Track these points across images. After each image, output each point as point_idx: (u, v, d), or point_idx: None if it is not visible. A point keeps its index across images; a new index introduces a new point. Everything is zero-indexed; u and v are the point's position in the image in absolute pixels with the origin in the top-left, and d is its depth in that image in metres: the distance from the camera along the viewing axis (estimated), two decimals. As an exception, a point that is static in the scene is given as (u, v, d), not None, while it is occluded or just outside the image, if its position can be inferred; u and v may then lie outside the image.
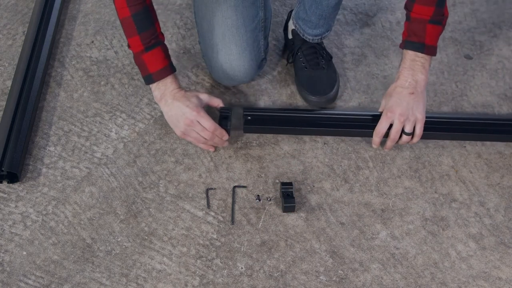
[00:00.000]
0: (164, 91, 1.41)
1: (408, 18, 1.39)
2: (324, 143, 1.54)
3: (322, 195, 1.43)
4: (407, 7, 1.38)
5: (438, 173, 1.49)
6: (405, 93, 1.40)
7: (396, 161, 1.51)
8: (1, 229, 1.36)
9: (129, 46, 1.39)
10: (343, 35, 1.81)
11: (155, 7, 1.86)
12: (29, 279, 1.28)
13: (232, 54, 1.49)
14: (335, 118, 1.53)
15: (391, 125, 1.42)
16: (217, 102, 1.49)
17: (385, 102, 1.44)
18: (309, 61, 1.62)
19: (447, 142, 1.55)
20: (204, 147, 1.48)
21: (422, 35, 1.37)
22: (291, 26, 1.68)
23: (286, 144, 1.54)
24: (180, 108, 1.39)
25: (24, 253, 1.32)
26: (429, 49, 1.38)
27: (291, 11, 1.74)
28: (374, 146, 1.46)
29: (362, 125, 1.49)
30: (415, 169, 1.49)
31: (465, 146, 1.55)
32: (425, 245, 1.36)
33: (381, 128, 1.42)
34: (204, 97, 1.46)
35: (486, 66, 1.74)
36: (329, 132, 1.53)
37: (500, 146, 1.55)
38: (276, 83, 1.67)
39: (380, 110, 1.46)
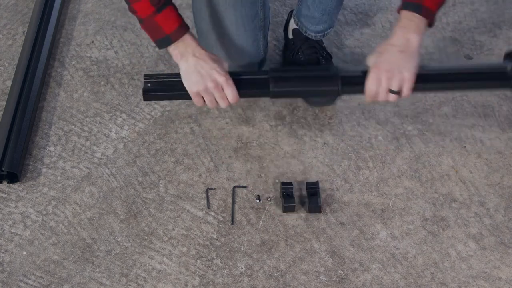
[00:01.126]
0: (185, 49, 1.33)
1: None
2: (324, 143, 1.54)
3: (322, 195, 1.43)
4: None
5: (438, 173, 1.49)
6: (395, 50, 1.31)
7: (396, 161, 1.51)
8: (1, 229, 1.36)
9: (134, 12, 1.32)
10: (343, 35, 1.81)
11: (155, 7, 1.87)
12: (29, 279, 1.28)
13: (231, 54, 1.49)
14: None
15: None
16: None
17: (371, 60, 1.36)
18: (310, 61, 1.62)
19: (447, 142, 1.55)
20: (210, 106, 1.39)
21: None
22: (291, 25, 1.68)
23: (286, 144, 1.54)
24: (205, 67, 1.32)
25: (24, 253, 1.32)
26: (427, 12, 1.31)
27: (291, 11, 1.74)
28: (368, 102, 1.38)
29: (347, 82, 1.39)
30: (415, 169, 1.49)
31: (465, 146, 1.55)
32: (425, 245, 1.36)
33: (370, 86, 1.33)
34: (226, 65, 1.39)
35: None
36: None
37: (500, 146, 1.55)
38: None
39: (367, 63, 1.36)
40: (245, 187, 1.45)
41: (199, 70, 1.32)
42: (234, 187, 1.45)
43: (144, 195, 1.43)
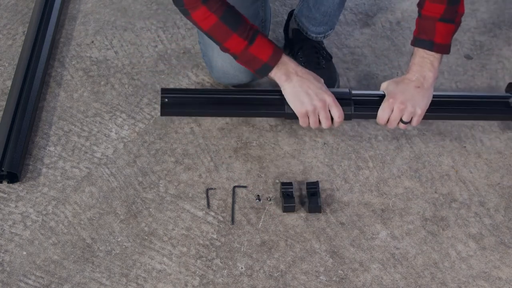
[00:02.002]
0: (286, 69, 1.35)
1: (419, 15, 1.38)
2: (324, 143, 1.54)
3: (322, 195, 1.43)
4: (419, 4, 1.37)
5: (438, 173, 1.49)
6: (411, 86, 1.39)
7: (396, 161, 1.51)
8: (1, 229, 1.36)
9: (227, 51, 1.33)
10: (343, 35, 1.81)
11: (155, 7, 1.87)
12: (29, 279, 1.28)
13: (232, 54, 1.49)
14: None
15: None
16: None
17: (388, 87, 1.42)
18: (309, 61, 1.62)
19: (447, 142, 1.55)
20: (313, 126, 1.42)
21: (431, 33, 1.35)
22: (292, 25, 1.68)
23: (286, 144, 1.54)
24: (312, 87, 1.35)
25: (24, 253, 1.32)
26: (439, 47, 1.37)
27: (291, 11, 1.74)
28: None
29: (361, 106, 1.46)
30: (415, 169, 1.49)
31: (465, 146, 1.55)
32: (425, 245, 1.36)
33: (382, 113, 1.41)
34: (323, 83, 1.41)
35: (486, 66, 1.74)
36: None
37: (500, 146, 1.55)
38: (276, 83, 1.67)
39: (381, 88, 1.45)
40: (245, 187, 1.45)
41: (307, 90, 1.35)
42: (234, 187, 1.45)
43: (144, 195, 1.43)
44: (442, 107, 1.48)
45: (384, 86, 1.44)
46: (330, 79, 1.61)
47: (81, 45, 1.76)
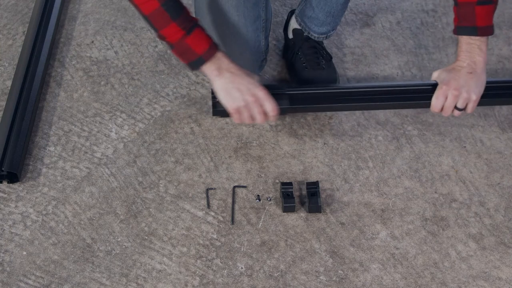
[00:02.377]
0: (219, 65, 1.33)
1: (455, 3, 1.36)
2: (324, 143, 1.54)
3: (322, 195, 1.43)
4: None
5: (438, 173, 1.49)
6: (463, 72, 1.38)
7: (396, 161, 1.51)
8: (1, 229, 1.36)
9: (163, 38, 1.31)
10: (343, 35, 1.81)
11: (155, 7, 1.87)
12: (29, 279, 1.28)
13: (233, 54, 1.49)
14: (376, 91, 1.49)
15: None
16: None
17: (440, 75, 1.42)
18: (310, 61, 1.62)
19: (447, 142, 1.55)
20: (247, 122, 1.40)
21: (472, 18, 1.34)
22: (292, 25, 1.68)
23: (286, 144, 1.54)
24: (244, 83, 1.34)
25: (24, 253, 1.32)
26: (482, 30, 1.36)
27: (291, 11, 1.74)
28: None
29: (414, 96, 1.48)
30: (415, 169, 1.50)
31: (465, 146, 1.55)
32: (425, 245, 1.36)
33: (437, 102, 1.39)
34: (258, 79, 1.39)
35: (486, 66, 1.74)
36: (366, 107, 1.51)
37: (500, 146, 1.55)
38: (276, 83, 1.67)
39: (433, 78, 1.44)
40: (245, 187, 1.45)
41: (238, 86, 1.33)
42: (234, 187, 1.45)
43: (144, 195, 1.43)
44: (495, 92, 1.47)
45: (436, 75, 1.44)
46: (330, 79, 1.61)
47: (81, 45, 1.76)
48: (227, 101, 1.35)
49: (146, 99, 1.62)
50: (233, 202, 1.42)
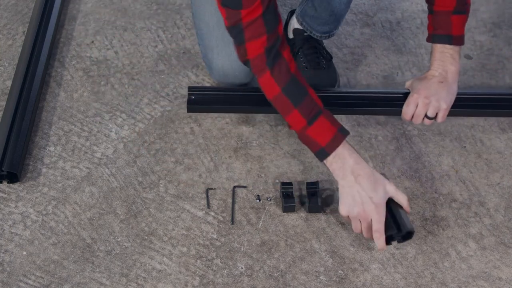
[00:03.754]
0: (343, 165, 1.24)
1: (431, 11, 1.38)
2: (324, 143, 1.54)
3: (322, 195, 1.43)
4: (428, 0, 1.38)
5: (438, 173, 1.49)
6: (435, 80, 1.40)
7: (396, 161, 1.51)
8: (1, 229, 1.36)
9: (289, 127, 1.27)
10: (343, 35, 1.81)
11: (155, 7, 1.87)
12: (29, 279, 1.28)
13: (232, 54, 1.49)
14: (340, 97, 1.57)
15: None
16: (404, 200, 1.28)
17: (413, 84, 1.45)
18: (310, 61, 1.62)
19: (447, 142, 1.55)
20: (355, 231, 1.32)
21: (447, 27, 1.36)
22: (292, 25, 1.68)
23: (286, 144, 1.54)
24: (362, 193, 1.24)
25: (24, 253, 1.32)
26: (457, 40, 1.38)
27: (291, 11, 1.74)
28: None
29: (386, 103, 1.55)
30: (415, 169, 1.49)
31: (465, 146, 1.55)
32: (425, 245, 1.36)
33: (407, 110, 1.43)
34: (391, 189, 1.27)
35: (486, 66, 1.74)
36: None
37: (500, 146, 1.55)
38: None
39: (406, 86, 1.48)
40: (245, 187, 1.45)
41: (354, 195, 1.24)
42: (234, 187, 1.45)
43: (144, 195, 1.43)
44: (467, 103, 1.52)
45: (409, 84, 1.47)
46: (330, 79, 1.62)
47: (81, 45, 1.76)
48: (340, 205, 1.28)
49: (146, 99, 1.62)
50: (233, 202, 1.42)
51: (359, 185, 1.24)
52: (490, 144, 1.55)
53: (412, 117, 1.44)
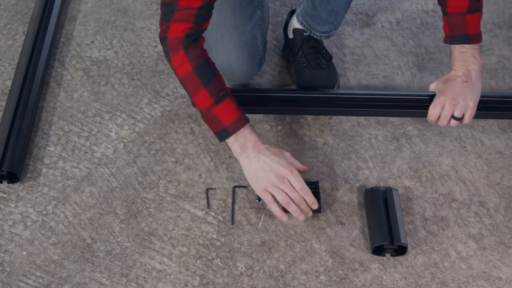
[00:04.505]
0: (244, 143, 1.30)
1: (444, 13, 1.38)
2: (324, 143, 1.54)
3: (322, 195, 1.43)
4: (441, 2, 1.38)
5: (438, 173, 1.49)
6: (459, 81, 1.40)
7: (396, 161, 1.51)
8: (1, 229, 1.36)
9: (194, 105, 1.31)
10: (343, 35, 1.81)
11: (155, 7, 1.87)
12: (29, 279, 1.28)
13: (231, 54, 1.49)
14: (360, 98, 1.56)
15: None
16: (298, 164, 1.34)
17: (437, 86, 1.45)
18: (310, 61, 1.62)
19: (447, 142, 1.55)
20: (294, 212, 1.31)
21: (463, 27, 1.36)
22: (292, 25, 1.68)
23: (286, 144, 1.54)
24: (267, 163, 1.28)
25: (24, 253, 1.32)
26: (474, 38, 1.38)
27: (291, 11, 1.74)
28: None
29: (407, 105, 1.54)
30: (415, 169, 1.49)
31: (465, 146, 1.55)
32: (425, 245, 1.36)
33: (434, 111, 1.42)
34: (288, 155, 1.33)
35: (486, 66, 1.74)
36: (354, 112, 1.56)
37: (500, 146, 1.55)
38: (276, 83, 1.68)
39: (430, 89, 1.48)
40: (245, 187, 1.45)
41: (262, 166, 1.29)
42: (234, 187, 1.45)
43: (144, 195, 1.43)
44: (496, 108, 1.53)
45: (433, 87, 1.47)
46: (330, 79, 1.61)
47: (81, 45, 1.76)
48: (253, 182, 1.31)
49: (146, 99, 1.62)
50: (233, 202, 1.42)
51: (263, 156, 1.29)
52: (490, 144, 1.55)
53: (438, 118, 1.43)
